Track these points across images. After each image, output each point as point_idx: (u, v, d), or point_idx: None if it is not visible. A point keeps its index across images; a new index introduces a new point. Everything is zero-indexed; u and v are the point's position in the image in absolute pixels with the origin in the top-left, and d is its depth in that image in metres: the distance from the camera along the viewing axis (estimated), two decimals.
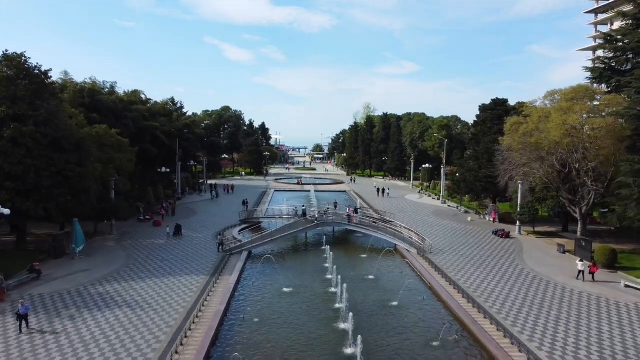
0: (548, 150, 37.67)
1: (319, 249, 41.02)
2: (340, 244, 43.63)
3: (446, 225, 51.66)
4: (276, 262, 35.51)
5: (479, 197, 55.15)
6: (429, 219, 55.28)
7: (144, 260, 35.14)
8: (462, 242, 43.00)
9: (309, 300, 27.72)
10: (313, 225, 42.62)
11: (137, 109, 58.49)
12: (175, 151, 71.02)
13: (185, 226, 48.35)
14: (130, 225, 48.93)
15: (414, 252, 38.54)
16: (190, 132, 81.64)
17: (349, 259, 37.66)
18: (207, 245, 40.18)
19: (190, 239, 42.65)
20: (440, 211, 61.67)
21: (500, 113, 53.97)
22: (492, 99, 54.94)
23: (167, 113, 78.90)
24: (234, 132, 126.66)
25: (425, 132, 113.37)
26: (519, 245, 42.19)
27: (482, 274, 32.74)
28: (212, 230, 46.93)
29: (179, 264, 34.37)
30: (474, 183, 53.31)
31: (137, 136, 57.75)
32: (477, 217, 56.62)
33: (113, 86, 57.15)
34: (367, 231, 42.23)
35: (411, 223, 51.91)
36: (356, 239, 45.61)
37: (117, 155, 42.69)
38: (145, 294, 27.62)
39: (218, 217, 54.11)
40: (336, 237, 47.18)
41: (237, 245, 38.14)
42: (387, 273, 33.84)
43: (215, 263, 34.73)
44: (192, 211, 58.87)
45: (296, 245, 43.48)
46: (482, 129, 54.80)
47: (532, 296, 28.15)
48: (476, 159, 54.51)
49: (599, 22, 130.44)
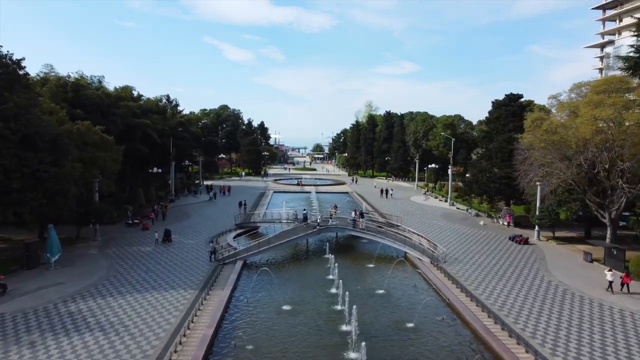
0: (576, 149, 34.01)
1: (321, 257, 37.38)
2: (345, 252, 39.99)
3: (457, 229, 48.03)
4: (274, 273, 31.89)
5: (492, 199, 51.49)
6: (438, 223, 51.65)
7: (126, 271, 31.48)
8: (477, 249, 39.37)
9: (312, 321, 24.06)
10: (315, 231, 38.99)
11: (126, 105, 54.81)
12: (169, 150, 67.36)
13: (176, 231, 44.73)
14: (117, 229, 45.28)
15: (427, 261, 34.91)
16: (185, 130, 77.90)
17: (354, 270, 33.99)
18: (198, 253, 36.52)
19: (181, 246, 38.99)
20: (449, 214, 58.05)
21: (514, 109, 50.36)
22: (506, 94, 51.31)
23: (161, 110, 75.22)
24: (232, 131, 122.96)
25: (429, 131, 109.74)
26: (540, 253, 38.56)
27: (506, 288, 29.10)
28: (205, 235, 43.28)
29: (166, 275, 30.70)
30: (487, 184, 49.64)
31: (126, 134, 54.10)
32: (490, 221, 53.01)
33: (100, 81, 53.46)
34: (374, 237, 38.58)
35: (420, 227, 48.28)
36: (361, 246, 41.97)
37: (101, 154, 39.01)
38: (123, 313, 23.96)
39: (212, 221, 50.45)
40: (339, 243, 43.53)
41: (231, 254, 34.49)
42: (399, 286, 30.17)
43: (206, 274, 31.06)
44: (185, 214, 55.19)
45: (296, 252, 39.82)
46: (495, 126, 51.13)
47: (568, 315, 24.51)
48: (489, 159, 50.82)
49: (607, 18, 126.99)
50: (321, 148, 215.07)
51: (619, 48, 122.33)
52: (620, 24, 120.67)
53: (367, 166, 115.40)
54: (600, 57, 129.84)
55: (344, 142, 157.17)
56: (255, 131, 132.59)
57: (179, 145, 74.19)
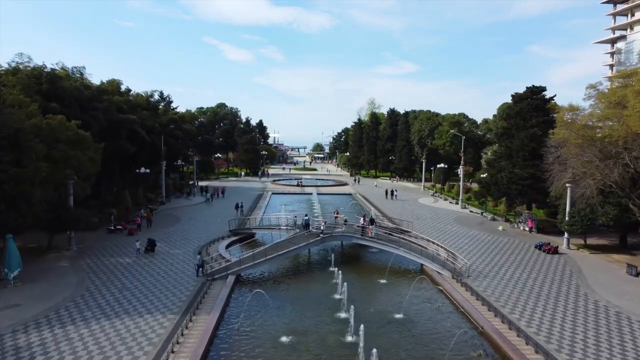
0: (623, 145, 29.34)
1: (325, 270, 32.65)
2: (352, 263, 35.28)
3: (475, 236, 43.37)
4: (271, 291, 27.23)
5: (512, 203, 46.76)
6: (452, 228, 46.97)
7: (97, 290, 26.77)
8: (502, 260, 34.71)
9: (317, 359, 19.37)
10: (318, 239, 34.29)
11: (110, 100, 50.05)
12: (160, 149, 62.65)
13: (162, 238, 40.06)
14: (97, 237, 40.57)
15: (447, 275, 30.23)
16: (177, 128, 73.15)
17: (365, 287, 29.22)
18: (184, 266, 31.81)
19: (165, 257, 34.28)
20: (462, 218, 53.39)
21: (537, 103, 45.68)
22: (527, 86, 46.58)
23: (152, 107, 70.51)
24: (229, 129, 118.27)
25: (435, 129, 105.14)
26: (574, 265, 33.92)
27: (547, 311, 24.43)
28: (194, 243, 38.58)
29: (143, 295, 26.00)
30: (507, 186, 44.90)
31: (110, 131, 49.40)
32: (508, 226, 48.34)
33: (82, 72, 48.64)
34: (386, 247, 33.86)
35: (433, 233, 43.63)
36: (370, 256, 37.27)
37: (75, 153, 34.28)
38: (83, 348, 19.25)
39: (204, 226, 45.74)
40: (345, 252, 38.81)
41: (222, 268, 29.78)
42: (420, 308, 25.43)
43: (191, 294, 26.36)
44: (174, 218, 50.45)
45: (297, 264, 35.06)
46: (515, 122, 46.40)
47: (633, 350, 19.85)
48: (509, 158, 46.08)
49: (618, 12, 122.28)
50: (321, 147, 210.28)
51: (631, 43, 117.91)
52: (632, 18, 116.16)
53: (370, 166, 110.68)
54: (611, 52, 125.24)
55: (345, 141, 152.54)
56: (253, 130, 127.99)
57: (171, 143, 69.48)
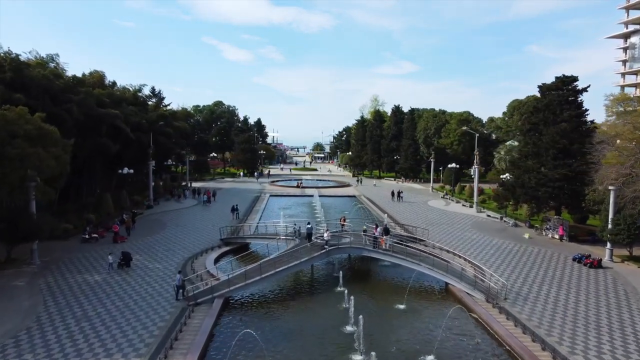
0: None
1: (331, 291, 27.32)
2: (362, 281, 29.93)
3: (499, 245, 38.14)
4: (266, 321, 22.02)
5: (542, 207, 41.46)
6: (472, 236, 41.74)
7: (50, 319, 21.51)
8: (539, 277, 29.48)
9: None
10: (323, 253, 28.98)
11: (88, 92, 44.75)
12: (152, 149, 57.41)
13: (142, 249, 34.88)
14: (69, 247, 35.36)
15: (480, 297, 24.99)
16: (168, 125, 67.81)
17: (381, 314, 23.84)
18: (163, 285, 26.56)
19: (142, 273, 29.02)
20: (480, 223, 48.15)
21: (569, 94, 40.42)
22: (557, 76, 41.32)
23: (140, 102, 65.21)
24: (226, 127, 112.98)
25: (442, 127, 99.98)
26: (625, 282, 28.69)
27: (617, 350, 19.21)
28: (179, 255, 33.34)
29: (105, 328, 20.72)
30: (535, 188, 39.59)
31: (88, 126, 44.20)
32: (533, 232, 43.11)
33: (55, 59, 43.23)
34: (404, 263, 28.53)
35: (451, 242, 38.43)
36: (383, 272, 31.97)
37: (35, 150, 28.98)
38: None
39: (193, 234, 40.45)
40: (353, 266, 33.46)
41: (207, 289, 24.49)
42: (455, 347, 19.98)
43: (167, 324, 21.10)
44: (160, 225, 45.14)
45: (297, 283, 29.65)
46: (544, 116, 41.10)
47: None
48: (536, 156, 40.79)
49: (631, 6, 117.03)
50: (322, 147, 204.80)
51: None
52: None
53: (374, 166, 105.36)
54: (624, 48, 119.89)
55: (347, 140, 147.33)
56: (251, 129, 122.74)
57: (161, 142, 64.27)
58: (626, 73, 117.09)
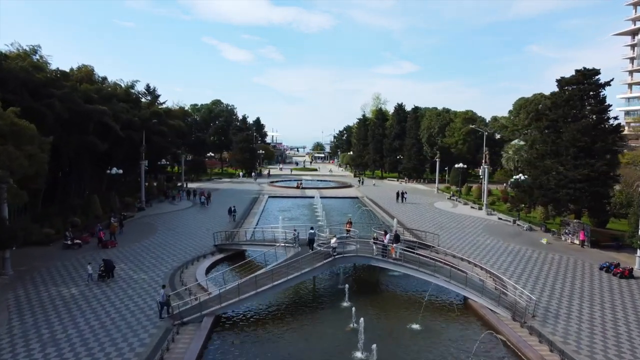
0: None
1: (337, 306, 24.33)
2: (370, 294, 26.89)
3: (517, 252, 35.20)
4: (262, 346, 19.05)
5: (561, 210, 38.44)
6: (485, 241, 38.81)
7: (11, 344, 18.54)
8: (566, 288, 26.54)
9: None
10: (327, 263, 26.01)
11: (73, 86, 41.78)
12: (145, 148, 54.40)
13: (128, 256, 31.92)
14: (48, 254, 32.42)
15: (505, 315, 22.03)
16: (162, 123, 64.83)
17: (396, 336, 20.85)
18: (147, 300, 23.59)
19: (125, 285, 26.04)
20: (492, 227, 45.19)
21: (590, 88, 37.47)
22: (577, 69, 38.35)
23: (133, 99, 62.16)
24: (224, 126, 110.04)
25: (446, 126, 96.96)
26: None
27: None
28: (168, 264, 30.38)
29: (74, 354, 17.76)
30: (555, 190, 36.59)
31: (74, 123, 41.27)
32: (550, 237, 40.17)
33: (37, 51, 40.14)
34: (417, 274, 25.53)
35: (464, 248, 35.51)
36: (393, 282, 28.99)
37: (4, 148, 26.00)
38: None
39: (185, 240, 37.49)
40: (359, 276, 30.48)
41: (195, 306, 21.52)
42: None
43: (148, 350, 18.14)
44: (150, 229, 42.16)
45: (298, 296, 26.62)
46: (564, 112, 38.13)
47: None
48: (556, 155, 37.82)
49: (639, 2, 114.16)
50: (322, 147, 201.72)
51: None
52: None
53: (376, 166, 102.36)
54: (632, 45, 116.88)
55: (348, 139, 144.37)
56: (250, 128, 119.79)
57: (154, 141, 61.29)
58: (634, 71, 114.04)
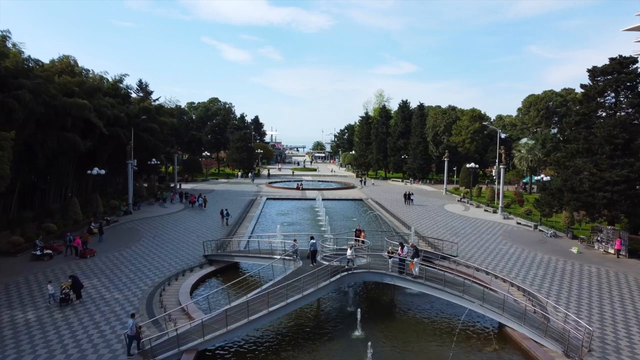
0: None
1: (346, 336, 20.07)
2: (386, 320, 22.45)
3: (547, 263, 31.06)
4: None
5: (596, 216, 34.25)
6: (508, 249, 34.67)
7: None
8: (618, 312, 22.39)
9: None
10: (334, 281, 21.79)
11: (48, 77, 37.59)
12: (132, 146, 50.19)
13: (104, 270, 27.71)
14: (14, 267, 28.30)
15: (555, 348, 17.86)
16: (152, 120, 60.66)
17: None
18: (116, 330, 19.37)
19: (93, 308, 21.82)
20: (513, 233, 41.03)
21: (628, 78, 33.33)
22: (611, 57, 34.22)
23: (122, 94, 58.01)
24: (220, 124, 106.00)
25: (452, 124, 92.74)
26: None
27: None
28: (148, 279, 26.19)
29: None
30: (590, 193, 32.39)
31: (50, 119, 37.19)
32: (579, 244, 36.01)
33: (7, 37, 35.78)
34: (443, 295, 21.27)
35: (486, 258, 31.38)
36: (409, 302, 24.76)
37: None
38: None
39: (171, 249, 33.29)
40: (370, 294, 26.23)
41: (171, 339, 17.31)
42: None
43: None
44: (135, 235, 37.95)
45: (299, 322, 22.35)
46: (597, 104, 33.98)
47: None
48: (590, 154, 33.66)
49: None
50: (322, 146, 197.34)
51: None
52: None
53: (379, 166, 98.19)
54: None
55: (349, 138, 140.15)
56: (248, 127, 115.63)
57: (144, 139, 57.19)
58: None
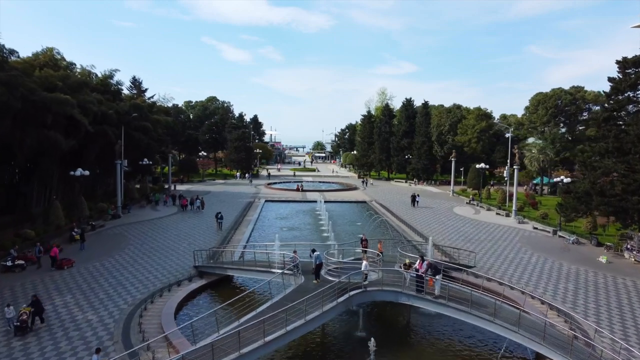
0: None
1: None
2: (402, 348, 19.39)
3: (575, 274, 27.91)
4: None
5: (629, 222, 31.09)
6: (530, 259, 31.51)
7: None
8: None
9: None
10: (341, 302, 18.61)
11: (25, 70, 34.46)
12: (122, 145, 47.03)
13: (79, 283, 24.52)
14: None
15: None
16: (145, 118, 57.49)
17: None
18: None
19: (60, 333, 18.65)
20: (531, 239, 37.87)
21: None
22: None
23: (112, 90, 54.87)
24: (217, 123, 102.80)
25: (457, 123, 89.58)
26: None
27: None
28: (129, 295, 23.02)
29: None
30: (622, 196, 29.23)
31: (28, 116, 34.04)
32: (608, 254, 32.86)
33: None
34: (470, 319, 18.08)
35: (507, 269, 28.21)
36: (426, 324, 21.66)
37: None
38: None
39: (158, 258, 30.11)
40: (383, 314, 23.09)
41: None
42: None
43: None
44: (121, 241, 34.74)
45: (300, 353, 19.28)
46: (629, 99, 30.84)
47: None
48: (621, 153, 30.50)
49: None
50: (322, 146, 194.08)
51: None
52: None
53: (382, 166, 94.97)
54: None
55: (350, 138, 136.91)
56: (247, 126, 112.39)
57: (136, 138, 53.99)
58: None
